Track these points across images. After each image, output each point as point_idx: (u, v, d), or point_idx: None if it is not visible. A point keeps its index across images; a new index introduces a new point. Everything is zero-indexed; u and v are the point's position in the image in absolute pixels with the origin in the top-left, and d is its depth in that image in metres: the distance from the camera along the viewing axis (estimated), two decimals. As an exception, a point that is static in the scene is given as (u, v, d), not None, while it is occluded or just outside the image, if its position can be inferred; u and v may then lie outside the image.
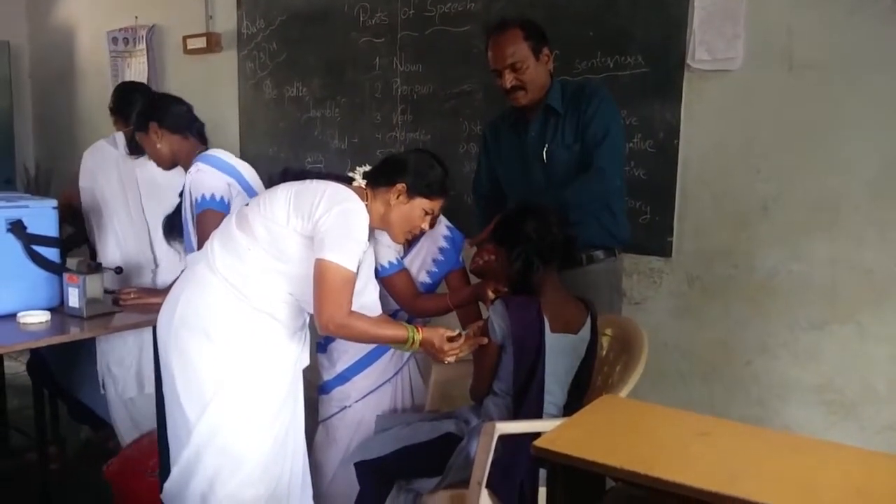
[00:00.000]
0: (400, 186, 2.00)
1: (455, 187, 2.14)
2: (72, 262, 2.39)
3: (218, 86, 4.23)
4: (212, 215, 2.25)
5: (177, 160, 2.47)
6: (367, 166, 2.12)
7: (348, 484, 2.20)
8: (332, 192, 1.91)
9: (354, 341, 2.10)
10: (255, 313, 1.96)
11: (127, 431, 2.90)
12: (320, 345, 2.37)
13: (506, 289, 2.11)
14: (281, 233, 1.92)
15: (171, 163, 2.49)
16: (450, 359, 1.99)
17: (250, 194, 2.34)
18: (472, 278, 2.33)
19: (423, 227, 2.08)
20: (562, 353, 2.03)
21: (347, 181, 2.05)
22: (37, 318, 2.27)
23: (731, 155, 2.58)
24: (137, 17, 4.71)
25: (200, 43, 4.27)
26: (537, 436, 1.52)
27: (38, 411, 2.96)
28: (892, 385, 2.35)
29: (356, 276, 1.88)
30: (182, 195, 2.43)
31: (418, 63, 3.40)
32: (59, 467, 3.10)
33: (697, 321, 2.70)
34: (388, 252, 2.31)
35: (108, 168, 2.93)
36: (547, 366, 1.98)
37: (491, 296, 2.13)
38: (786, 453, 1.49)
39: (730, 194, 2.60)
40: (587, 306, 2.12)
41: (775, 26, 2.45)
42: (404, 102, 3.47)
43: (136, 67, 4.75)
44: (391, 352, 2.35)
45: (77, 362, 3.01)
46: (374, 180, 2.05)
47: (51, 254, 2.40)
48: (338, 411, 2.37)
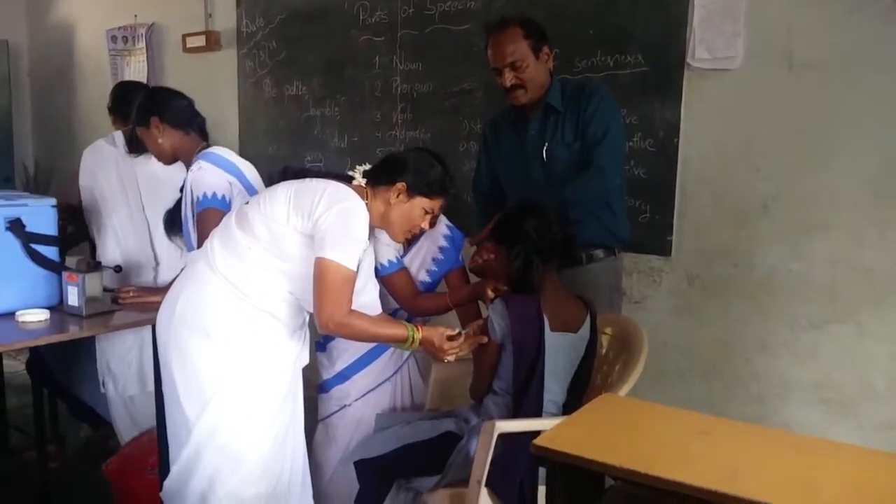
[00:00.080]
0: (400, 185, 2.00)
1: (455, 186, 2.14)
2: (71, 261, 2.38)
3: (217, 84, 4.22)
4: (213, 214, 2.24)
5: (178, 155, 2.47)
6: (367, 165, 2.11)
7: (348, 482, 2.20)
8: (332, 191, 1.91)
9: (354, 340, 2.10)
10: (255, 312, 1.95)
11: (126, 430, 2.90)
12: (320, 343, 2.37)
13: (505, 287, 2.11)
14: (281, 231, 1.91)
15: (172, 158, 2.48)
16: (449, 358, 1.99)
17: (251, 193, 2.33)
18: (472, 277, 2.33)
19: (423, 226, 2.08)
20: (561, 351, 2.03)
21: (347, 180, 2.05)
22: (36, 316, 2.27)
23: (731, 154, 2.58)
24: (137, 16, 4.71)
25: (200, 41, 4.26)
26: (537, 434, 1.52)
27: (38, 410, 2.96)
28: (892, 384, 2.36)
29: (356, 275, 1.88)
30: (182, 191, 2.43)
31: (418, 61, 3.40)
32: (58, 466, 3.10)
33: (697, 320, 2.70)
34: (388, 251, 2.30)
35: (107, 167, 2.93)
36: (546, 364, 1.98)
37: (490, 295, 2.13)
38: (785, 452, 1.49)
39: (730, 193, 2.60)
40: (587, 305, 2.12)
41: (775, 25, 2.45)
42: (404, 101, 3.46)
43: (135, 66, 4.74)
44: (391, 351, 2.34)
45: (76, 361, 3.01)
46: (374, 179, 2.05)
47: (50, 252, 2.40)
48: (337, 410, 2.37)
